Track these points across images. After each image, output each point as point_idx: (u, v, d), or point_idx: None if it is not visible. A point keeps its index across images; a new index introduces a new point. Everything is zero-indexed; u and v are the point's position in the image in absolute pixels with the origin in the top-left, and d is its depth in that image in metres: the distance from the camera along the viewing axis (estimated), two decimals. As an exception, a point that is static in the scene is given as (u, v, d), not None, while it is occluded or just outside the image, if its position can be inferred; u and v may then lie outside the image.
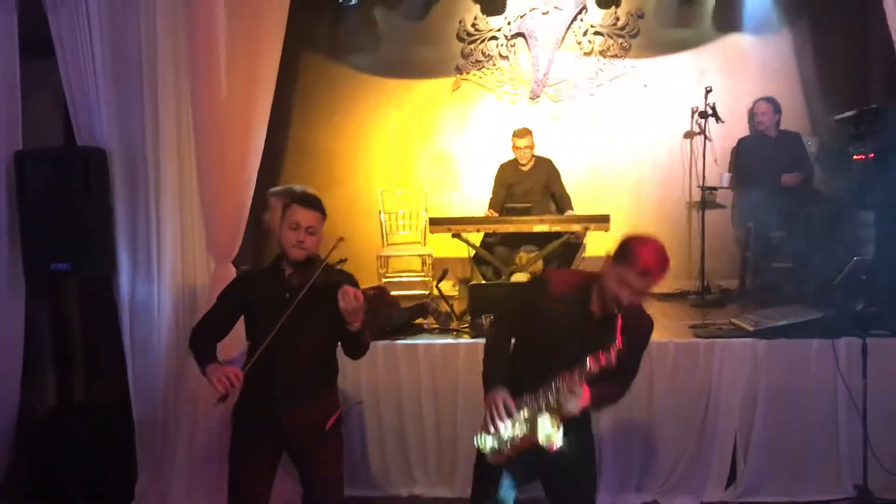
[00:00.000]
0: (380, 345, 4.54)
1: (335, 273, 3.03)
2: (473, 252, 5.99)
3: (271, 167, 6.26)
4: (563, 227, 5.78)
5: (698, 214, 6.38)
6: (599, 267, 2.83)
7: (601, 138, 6.92)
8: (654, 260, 2.66)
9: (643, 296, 2.71)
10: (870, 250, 5.15)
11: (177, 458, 4.44)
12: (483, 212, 6.37)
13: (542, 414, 2.71)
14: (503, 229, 5.91)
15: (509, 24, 6.93)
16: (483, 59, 6.98)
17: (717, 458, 4.44)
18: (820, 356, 4.39)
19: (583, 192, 6.58)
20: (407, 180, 7.05)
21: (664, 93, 6.87)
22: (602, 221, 5.62)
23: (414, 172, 7.10)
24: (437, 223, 5.84)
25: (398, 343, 4.60)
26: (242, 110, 4.46)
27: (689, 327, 4.83)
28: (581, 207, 6.29)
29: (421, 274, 6.57)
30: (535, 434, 2.70)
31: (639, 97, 6.90)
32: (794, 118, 6.60)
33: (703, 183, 6.31)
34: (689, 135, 6.74)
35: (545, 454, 2.73)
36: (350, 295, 2.84)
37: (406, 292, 6.27)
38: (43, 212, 4.37)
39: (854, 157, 5.62)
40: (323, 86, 7.02)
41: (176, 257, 4.56)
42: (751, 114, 6.55)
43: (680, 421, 4.48)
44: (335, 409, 3.16)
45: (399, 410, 4.57)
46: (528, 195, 6.29)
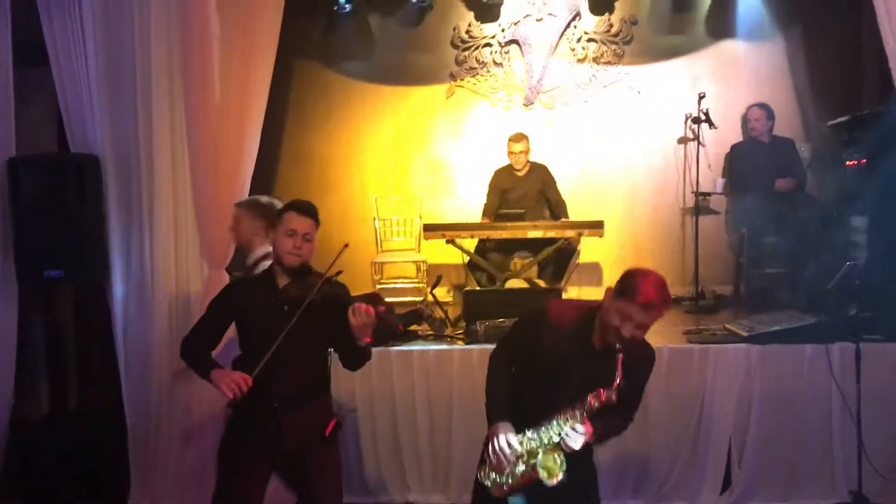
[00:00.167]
0: (374, 351, 4.51)
1: (333, 284, 3.02)
2: (468, 258, 5.99)
3: (265, 174, 6.27)
4: (557, 233, 5.78)
5: (692, 220, 6.41)
6: (594, 276, 2.82)
7: (595, 145, 6.93)
8: (656, 293, 2.63)
9: (645, 330, 2.68)
10: (863, 255, 5.17)
11: (170, 465, 4.45)
12: (477, 218, 6.38)
13: (544, 449, 2.71)
14: (497, 235, 5.91)
15: (503, 31, 6.95)
16: (477, 66, 6.99)
17: (712, 464, 4.45)
18: (814, 361, 4.40)
19: (577, 199, 6.59)
20: (401, 187, 7.05)
21: (658, 99, 6.89)
22: (596, 227, 5.63)
23: (408, 179, 7.11)
24: (432, 229, 5.84)
25: (392, 350, 4.59)
26: (236, 117, 4.47)
27: (683, 333, 4.83)
28: (575, 213, 6.30)
29: (415, 280, 6.57)
30: (537, 470, 2.69)
31: (632, 103, 6.92)
32: (788, 124, 6.62)
33: (697, 189, 6.33)
34: (683, 141, 6.76)
35: (546, 487, 2.72)
36: (362, 312, 2.83)
37: (400, 299, 6.28)
38: (36, 218, 4.36)
39: (847, 163, 5.64)
40: (317, 92, 7.03)
41: (169, 263, 4.55)
42: (744, 120, 6.56)
43: (674, 427, 4.48)
44: (331, 417, 3.15)
45: (393, 417, 4.56)
46: (523, 201, 6.30)
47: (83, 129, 4.54)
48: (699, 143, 6.43)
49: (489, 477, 2.80)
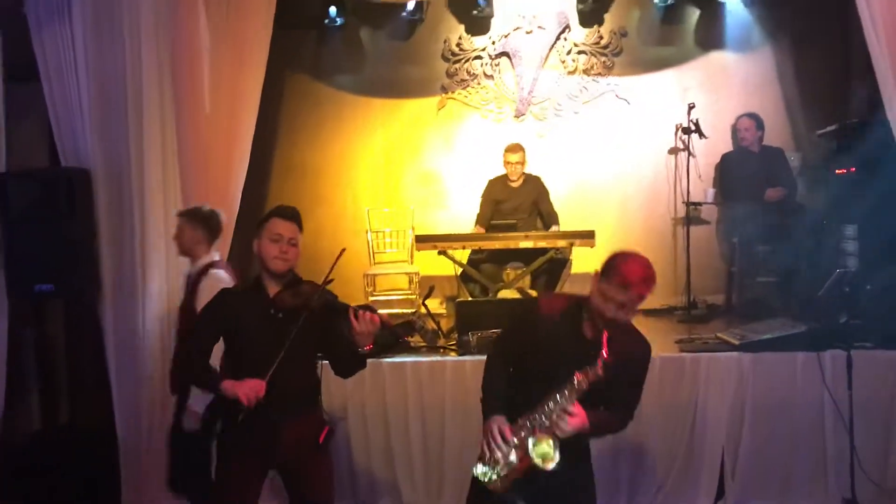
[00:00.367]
0: (367, 363, 4.52)
1: (326, 294, 3.02)
2: (460, 270, 5.99)
3: (257, 187, 6.28)
4: (549, 244, 5.79)
5: (684, 230, 6.41)
6: (587, 287, 2.83)
7: (586, 156, 6.95)
8: (635, 272, 2.67)
9: (628, 310, 2.70)
10: (853, 263, 5.19)
11: (161, 479, 4.40)
12: (469, 230, 6.38)
13: (537, 434, 2.70)
14: (488, 246, 5.90)
15: (494, 44, 6.98)
16: (468, 79, 7.01)
17: (706, 473, 4.44)
18: (805, 369, 4.40)
19: (568, 209, 6.59)
20: (394, 199, 7.05)
21: (648, 110, 6.91)
22: (587, 237, 5.63)
23: (400, 191, 7.11)
24: (423, 240, 5.84)
25: (385, 361, 4.58)
26: (226, 130, 4.49)
27: (675, 342, 4.83)
28: (567, 224, 6.30)
29: (408, 292, 6.56)
30: (531, 456, 2.67)
31: (623, 114, 6.94)
32: (778, 134, 6.65)
33: (688, 199, 6.35)
34: (674, 151, 6.78)
35: (542, 480, 2.72)
36: (367, 318, 2.83)
37: (393, 311, 6.26)
38: (27, 233, 4.37)
39: (836, 172, 5.68)
40: (309, 105, 7.04)
41: (160, 277, 4.56)
42: (734, 130, 6.59)
43: (667, 436, 4.48)
44: (324, 424, 3.14)
45: (386, 428, 4.55)
46: (516, 212, 6.30)
47: (74, 144, 4.55)
48: (689, 154, 6.45)
49: (485, 471, 2.77)
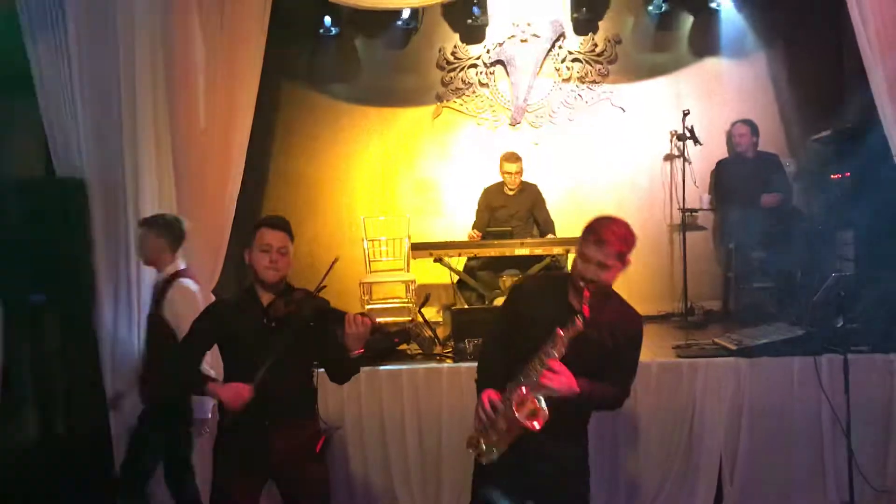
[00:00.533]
0: (362, 371, 4.49)
1: (318, 301, 3.03)
2: (457, 278, 5.98)
3: (253, 196, 6.29)
4: (545, 251, 5.80)
5: (680, 237, 6.42)
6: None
7: (581, 163, 6.97)
8: (610, 229, 2.75)
9: (608, 270, 2.73)
10: (849, 268, 5.19)
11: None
12: (465, 238, 6.38)
13: (524, 394, 2.69)
14: (484, 253, 5.91)
15: (488, 52, 7.01)
16: (463, 87, 7.03)
17: (704, 478, 4.43)
18: (802, 373, 4.41)
19: (564, 217, 6.58)
20: (390, 207, 7.06)
21: (643, 117, 6.94)
22: (583, 244, 5.62)
23: (396, 199, 7.12)
24: (419, 248, 5.85)
25: (381, 368, 4.59)
26: (221, 140, 4.49)
27: (672, 348, 4.83)
28: (563, 231, 6.29)
29: (404, 300, 6.55)
30: (517, 416, 2.66)
31: (618, 122, 6.97)
32: (772, 140, 6.68)
33: (684, 205, 6.36)
34: (669, 158, 6.80)
35: (536, 465, 2.75)
36: (359, 321, 2.84)
37: (390, 319, 6.26)
38: (21, 243, 4.33)
39: (831, 177, 5.69)
40: (304, 114, 7.06)
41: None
42: (729, 136, 6.63)
43: (665, 441, 4.47)
44: (319, 433, 3.14)
45: (383, 435, 4.55)
46: (512, 219, 6.31)
47: (69, 154, 4.53)
48: (685, 160, 6.47)
49: (479, 445, 2.78)
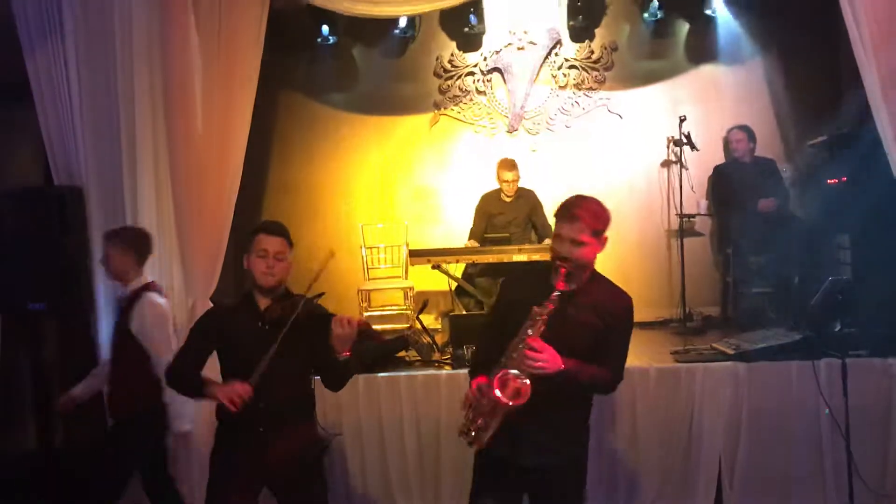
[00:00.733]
0: (361, 378, 4.53)
1: (314, 306, 3.03)
2: (455, 285, 5.98)
3: (252, 204, 6.30)
4: (543, 257, 5.79)
5: (677, 242, 6.43)
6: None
7: (579, 169, 6.95)
8: (580, 205, 2.83)
9: (579, 245, 2.78)
10: (847, 272, 5.20)
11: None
12: (463, 244, 6.38)
13: (506, 374, 2.68)
14: (482, 259, 5.91)
15: (485, 60, 7.03)
16: (460, 95, 7.05)
17: (703, 483, 4.43)
18: (801, 378, 4.40)
19: (562, 223, 6.60)
20: (388, 215, 7.07)
21: (640, 123, 6.95)
22: (581, 250, 5.63)
23: (395, 207, 7.13)
24: (417, 255, 5.84)
25: (380, 375, 4.58)
26: (218, 148, 4.49)
27: (671, 353, 4.83)
28: (561, 238, 6.30)
29: (403, 307, 6.55)
30: (500, 395, 2.65)
31: (615, 128, 6.98)
32: (769, 145, 6.69)
33: (681, 211, 6.37)
34: (666, 164, 6.81)
35: (532, 458, 2.77)
36: (345, 322, 2.84)
37: (388, 326, 6.26)
38: (20, 251, 4.35)
39: (828, 182, 5.70)
40: (303, 123, 7.08)
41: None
42: (726, 142, 6.64)
43: (664, 446, 4.47)
44: (316, 440, 3.14)
45: (381, 441, 4.54)
46: (510, 226, 6.31)
47: (67, 162, 4.55)
48: (682, 166, 6.48)
49: (468, 432, 2.75)
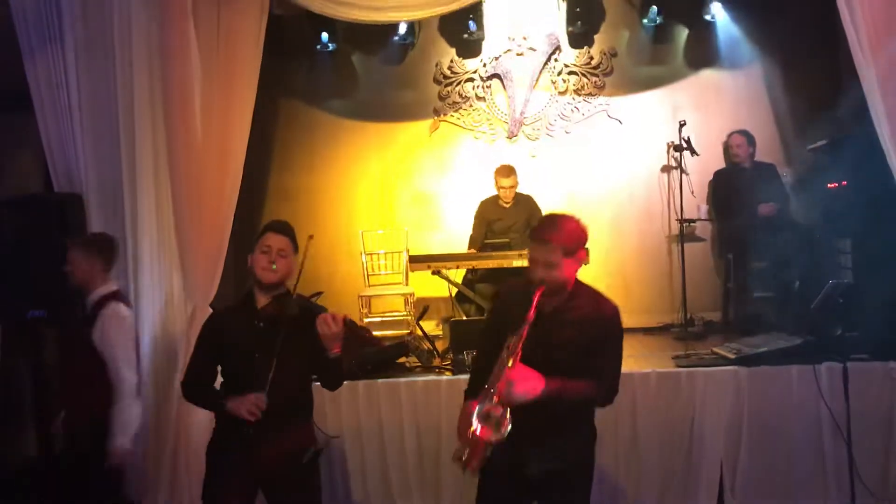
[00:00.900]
0: (361, 383, 4.53)
1: (312, 304, 3.05)
2: (455, 290, 5.98)
3: (252, 211, 6.31)
4: (543, 262, 5.78)
5: (678, 247, 6.42)
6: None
7: (579, 175, 6.98)
8: (547, 227, 2.78)
9: (553, 268, 2.72)
10: (848, 276, 5.19)
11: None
12: (463, 251, 6.38)
13: (486, 405, 2.67)
14: (482, 265, 5.91)
15: (485, 66, 7.04)
16: (460, 101, 7.06)
17: (705, 487, 4.41)
18: (802, 382, 4.39)
19: (563, 228, 6.59)
20: (388, 221, 7.08)
21: (640, 129, 6.95)
22: (581, 255, 5.62)
23: (395, 213, 7.14)
24: (417, 261, 5.85)
25: (380, 381, 4.58)
26: (218, 155, 4.50)
27: (672, 357, 4.83)
28: (561, 243, 6.30)
29: (403, 313, 6.55)
30: (479, 426, 2.64)
31: (615, 134, 6.98)
32: (769, 149, 6.68)
33: (682, 216, 6.36)
34: (666, 169, 6.81)
35: (539, 456, 2.77)
36: (329, 320, 2.85)
37: (388, 332, 6.25)
38: (19, 259, 4.35)
39: (828, 186, 5.69)
40: (303, 130, 7.10)
41: (153, 302, 4.54)
42: (726, 146, 6.64)
43: (665, 451, 4.46)
44: (311, 443, 3.12)
45: (382, 447, 4.53)
46: (509, 232, 6.31)
47: (67, 170, 4.56)
48: (682, 171, 6.48)
49: (461, 456, 2.73)
